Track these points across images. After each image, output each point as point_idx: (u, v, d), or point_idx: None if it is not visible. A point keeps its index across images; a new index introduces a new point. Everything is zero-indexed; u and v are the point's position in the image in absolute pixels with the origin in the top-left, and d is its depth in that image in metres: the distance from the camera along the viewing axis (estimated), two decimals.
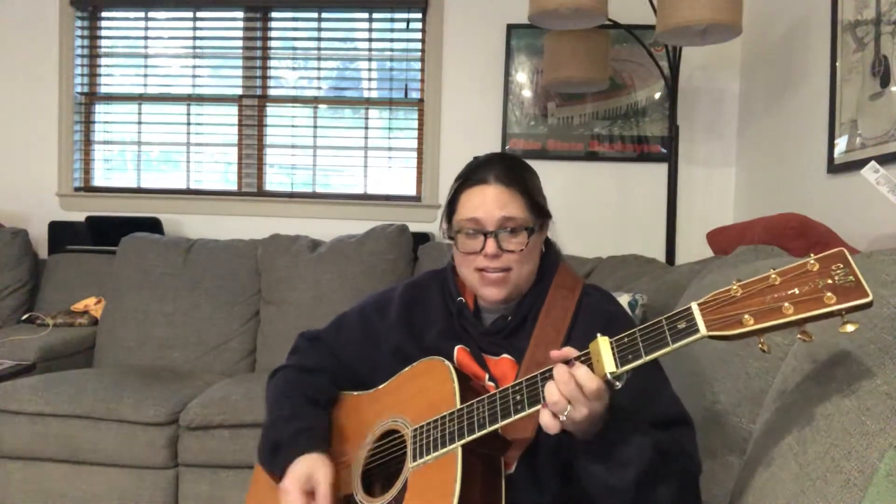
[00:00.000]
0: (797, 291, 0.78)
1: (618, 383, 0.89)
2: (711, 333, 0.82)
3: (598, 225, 3.18)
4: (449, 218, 1.21)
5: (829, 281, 0.76)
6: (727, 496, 1.13)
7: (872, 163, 1.54)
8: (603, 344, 0.90)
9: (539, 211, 1.18)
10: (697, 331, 0.83)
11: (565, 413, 0.89)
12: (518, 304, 1.19)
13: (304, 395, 1.25)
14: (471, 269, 1.16)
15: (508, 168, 1.17)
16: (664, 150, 3.18)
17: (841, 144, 2.11)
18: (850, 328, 0.75)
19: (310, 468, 1.12)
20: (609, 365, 0.88)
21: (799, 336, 0.80)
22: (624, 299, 1.86)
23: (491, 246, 1.12)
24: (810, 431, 0.88)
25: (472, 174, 1.18)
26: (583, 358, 0.92)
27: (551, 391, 0.91)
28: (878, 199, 1.60)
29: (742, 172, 3.13)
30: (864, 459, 0.77)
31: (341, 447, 1.21)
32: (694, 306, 0.85)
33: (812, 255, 0.79)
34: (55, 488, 2.34)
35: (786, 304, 0.78)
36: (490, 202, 1.14)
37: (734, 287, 0.82)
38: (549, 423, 0.91)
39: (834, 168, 2.17)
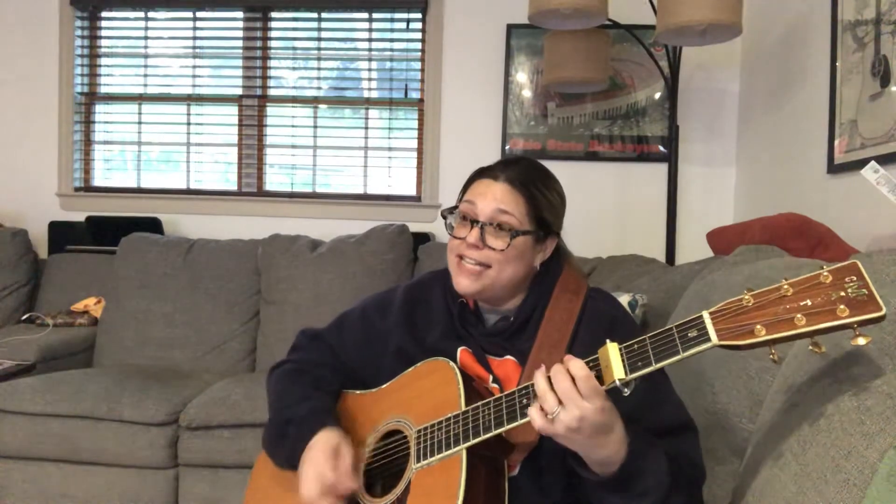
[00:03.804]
0: (810, 303, 0.78)
1: (626, 390, 0.88)
2: (723, 343, 0.82)
3: (598, 225, 3.18)
4: (456, 205, 1.22)
5: (843, 293, 0.76)
6: (727, 496, 1.13)
7: (872, 163, 1.54)
8: (612, 350, 0.89)
9: (541, 224, 1.16)
10: (708, 340, 0.82)
11: (555, 413, 0.88)
12: (520, 305, 1.19)
13: (308, 382, 1.26)
14: (453, 254, 1.17)
15: (523, 173, 1.16)
16: (664, 150, 3.18)
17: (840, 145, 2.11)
18: (861, 341, 0.75)
19: (333, 440, 1.12)
20: (618, 371, 0.87)
21: (810, 348, 0.80)
22: (624, 299, 1.86)
23: (474, 234, 1.12)
24: (810, 431, 0.88)
25: (490, 168, 1.19)
26: (591, 364, 0.91)
27: (539, 381, 0.90)
28: (878, 199, 1.60)
29: (742, 172, 3.13)
30: (864, 459, 0.77)
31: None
32: (705, 315, 0.84)
33: (825, 266, 0.79)
34: (55, 488, 2.34)
35: (798, 316, 0.78)
36: (490, 194, 1.14)
37: (746, 297, 0.82)
38: (535, 416, 0.89)
39: (834, 168, 2.17)
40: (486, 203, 1.13)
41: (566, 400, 0.88)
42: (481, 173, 1.19)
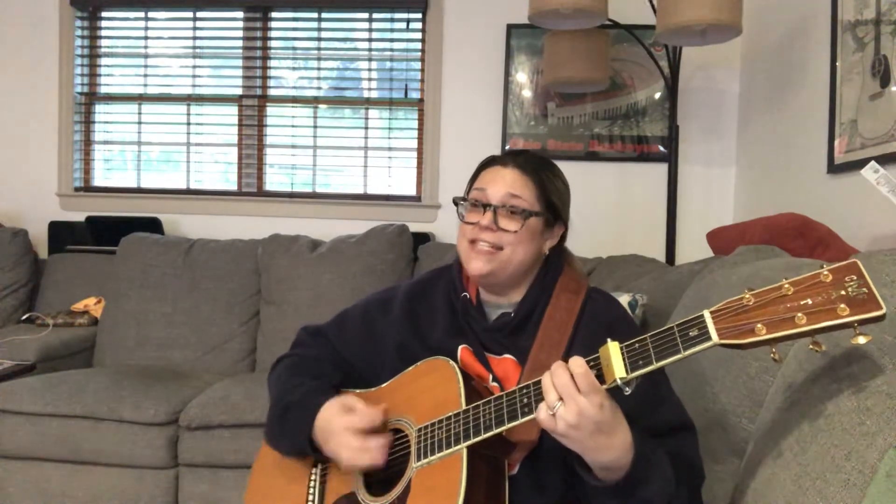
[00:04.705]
0: (810, 302, 0.78)
1: (627, 389, 0.88)
2: (723, 342, 0.82)
3: (598, 225, 3.18)
4: (466, 194, 1.24)
5: (843, 292, 0.77)
6: (727, 496, 1.13)
7: (872, 163, 1.54)
8: (613, 349, 0.89)
9: (550, 208, 1.19)
10: (709, 339, 0.83)
11: (555, 408, 0.89)
12: (521, 301, 1.20)
13: (309, 372, 1.27)
14: (465, 239, 1.19)
15: (531, 160, 1.21)
16: (664, 150, 3.18)
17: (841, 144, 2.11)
18: (862, 340, 0.75)
19: (339, 402, 1.14)
20: (619, 370, 0.88)
21: (811, 346, 0.80)
22: (624, 299, 1.86)
23: (487, 217, 1.15)
24: (810, 431, 0.88)
25: (499, 157, 1.23)
26: (592, 362, 0.91)
27: (544, 378, 0.92)
28: (878, 199, 1.60)
29: (742, 172, 3.13)
30: (864, 459, 0.77)
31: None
32: (706, 314, 0.84)
33: (825, 265, 0.79)
34: (55, 488, 2.34)
35: (798, 315, 0.78)
36: (500, 179, 1.18)
37: (746, 296, 0.82)
38: (543, 417, 0.91)
39: (834, 168, 2.17)
40: (498, 188, 1.17)
41: (565, 396, 0.89)
42: (490, 162, 1.23)
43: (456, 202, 1.22)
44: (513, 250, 1.16)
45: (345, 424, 1.11)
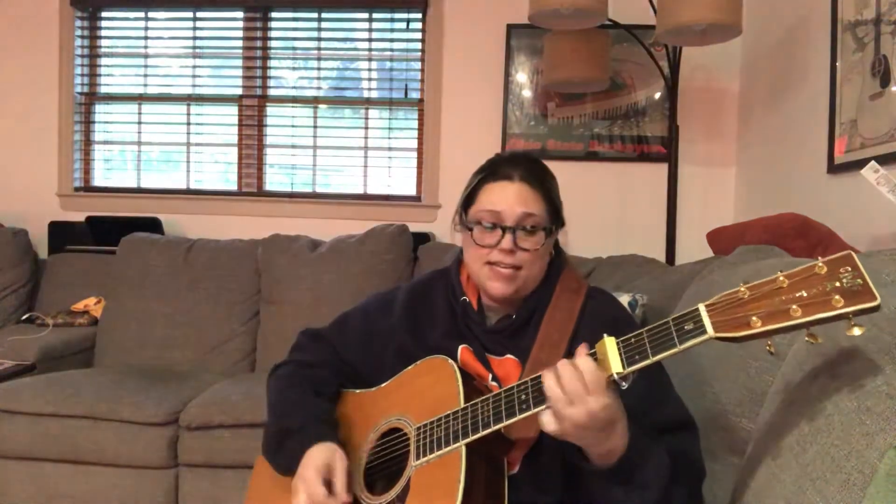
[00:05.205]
0: (805, 294, 0.78)
1: (624, 383, 0.89)
2: (719, 335, 0.82)
3: (598, 225, 3.18)
4: (465, 209, 1.20)
5: (837, 284, 0.76)
6: (727, 496, 1.13)
7: (872, 163, 1.54)
8: (609, 344, 0.90)
9: (556, 215, 1.19)
10: (705, 332, 0.83)
11: (562, 411, 0.88)
12: (522, 304, 1.20)
13: (308, 386, 1.26)
14: (481, 262, 1.16)
15: (534, 169, 1.19)
16: (664, 150, 3.18)
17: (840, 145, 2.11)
18: (857, 331, 0.75)
19: (327, 457, 1.11)
20: (616, 365, 0.88)
21: (806, 338, 0.80)
22: (624, 299, 1.86)
23: (508, 241, 1.13)
24: (810, 431, 0.88)
25: (497, 169, 1.19)
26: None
27: (551, 385, 0.90)
28: (878, 199, 1.60)
29: (742, 172, 3.13)
30: (864, 459, 0.77)
31: (343, 445, 1.21)
32: (701, 307, 0.84)
33: (820, 258, 0.79)
34: (55, 488, 2.34)
35: (793, 307, 0.78)
36: (512, 198, 1.15)
37: (741, 289, 0.82)
38: (547, 421, 0.90)
39: (834, 168, 2.17)
40: (511, 207, 1.14)
41: (574, 397, 0.88)
42: (492, 176, 1.18)
43: (468, 225, 1.18)
44: (531, 267, 1.15)
45: (311, 490, 1.08)
